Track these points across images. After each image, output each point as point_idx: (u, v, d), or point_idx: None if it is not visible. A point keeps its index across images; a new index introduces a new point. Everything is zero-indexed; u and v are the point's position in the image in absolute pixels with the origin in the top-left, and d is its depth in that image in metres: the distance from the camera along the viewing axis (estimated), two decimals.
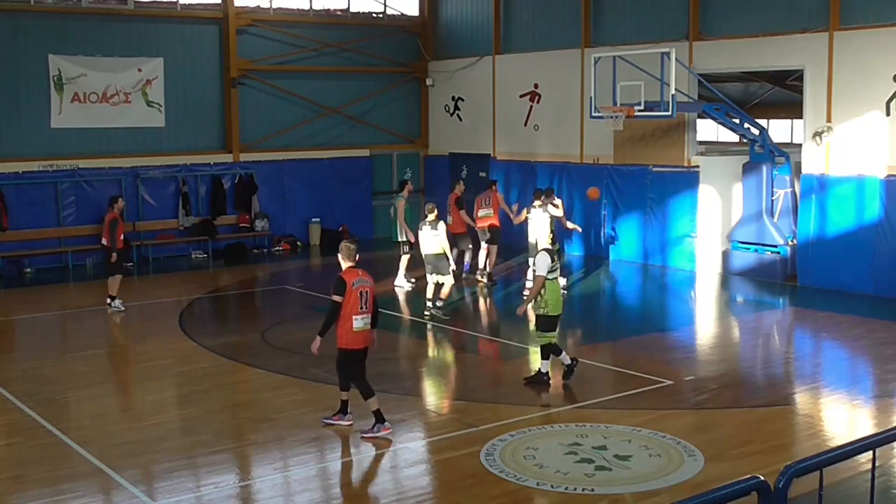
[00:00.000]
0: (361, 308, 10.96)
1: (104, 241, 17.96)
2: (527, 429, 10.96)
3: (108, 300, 18.00)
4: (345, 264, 11.09)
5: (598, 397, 12.48)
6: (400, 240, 20.02)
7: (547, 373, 12.66)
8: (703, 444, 10.34)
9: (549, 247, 12.88)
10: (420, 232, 17.48)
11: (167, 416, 12.06)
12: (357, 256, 11.23)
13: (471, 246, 20.87)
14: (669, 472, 9.65)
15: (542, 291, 12.41)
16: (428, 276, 17.37)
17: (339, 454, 10.54)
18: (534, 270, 12.49)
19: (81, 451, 10.42)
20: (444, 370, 14.71)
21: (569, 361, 12.87)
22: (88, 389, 13.27)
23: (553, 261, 12.47)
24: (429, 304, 17.29)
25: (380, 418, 10.83)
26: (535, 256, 18.51)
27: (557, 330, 12.86)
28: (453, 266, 17.49)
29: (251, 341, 16.04)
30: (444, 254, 17.12)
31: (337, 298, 10.78)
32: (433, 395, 13.13)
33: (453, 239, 20.46)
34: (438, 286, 17.17)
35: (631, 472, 9.66)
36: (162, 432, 11.20)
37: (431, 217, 17.35)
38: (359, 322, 10.93)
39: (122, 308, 17.95)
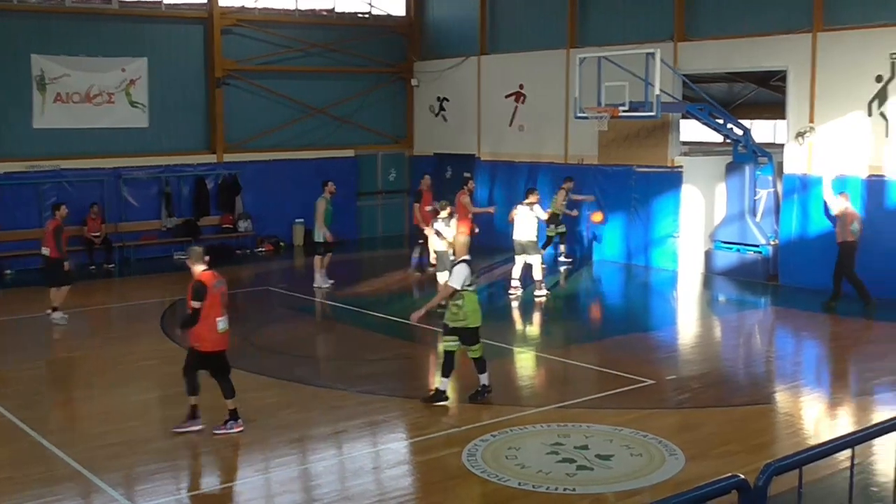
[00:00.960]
0: (222, 310, 11.00)
1: (45, 251, 16.84)
2: (508, 429, 10.97)
3: (49, 311, 17.03)
4: (198, 268, 11.00)
5: (580, 397, 12.49)
6: (317, 240, 19.97)
7: (487, 386, 12.13)
8: (684, 444, 10.37)
9: (467, 257, 12.07)
10: (431, 229, 17.76)
11: (149, 417, 12.02)
12: (207, 258, 11.23)
13: (420, 241, 21.05)
14: (651, 471, 9.67)
15: (461, 303, 11.78)
16: (438, 274, 17.64)
17: (321, 455, 10.51)
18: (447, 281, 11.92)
19: (61, 454, 10.36)
20: (426, 370, 14.67)
21: (485, 384, 12.17)
22: (70, 392, 13.23)
23: (472, 272, 11.91)
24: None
25: (234, 416, 11.01)
26: (528, 254, 18.80)
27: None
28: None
29: (234, 342, 15.80)
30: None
31: (196, 304, 10.68)
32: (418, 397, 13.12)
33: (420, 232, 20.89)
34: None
35: (612, 471, 9.68)
36: (144, 434, 11.16)
37: (445, 213, 17.66)
38: (222, 323, 11.05)
39: (65, 321, 17.06)
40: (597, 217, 22.18)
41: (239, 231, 25.48)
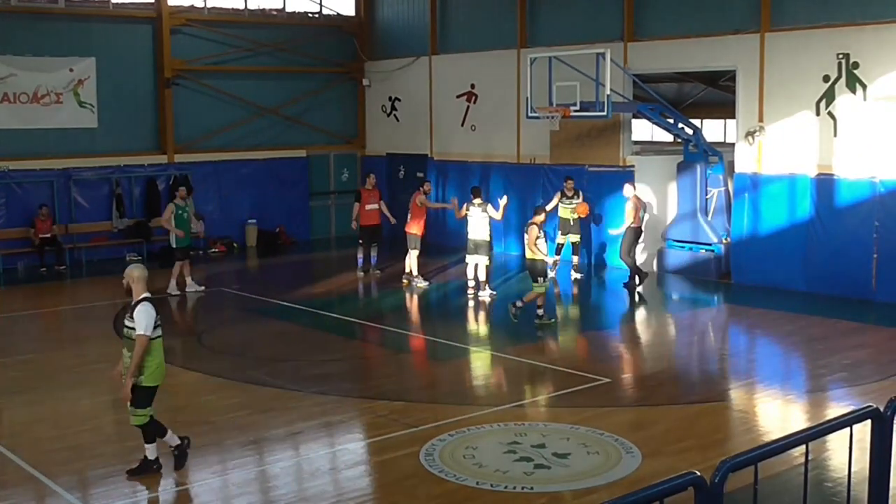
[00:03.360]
0: None
1: None
2: (465, 428, 10.97)
3: None
4: None
5: (536, 396, 12.55)
6: (173, 245, 19.54)
7: (156, 459, 9.80)
8: (640, 441, 10.43)
9: (147, 294, 9.57)
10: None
11: (102, 421, 11.87)
12: None
13: (361, 242, 21.44)
14: (607, 469, 9.72)
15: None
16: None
17: (277, 457, 10.46)
18: (132, 329, 9.39)
19: (14, 457, 10.24)
20: (382, 371, 14.64)
21: (177, 442, 9.93)
22: (21, 395, 13.02)
23: (157, 313, 9.57)
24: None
25: None
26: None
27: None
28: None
29: (187, 344, 15.87)
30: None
31: None
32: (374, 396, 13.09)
33: (362, 232, 21.20)
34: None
35: (569, 469, 9.72)
36: (97, 438, 11.04)
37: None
38: None
39: None
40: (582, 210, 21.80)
41: (191, 232, 25.18)
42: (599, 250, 22.36)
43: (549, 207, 20.44)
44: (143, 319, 9.35)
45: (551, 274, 18.49)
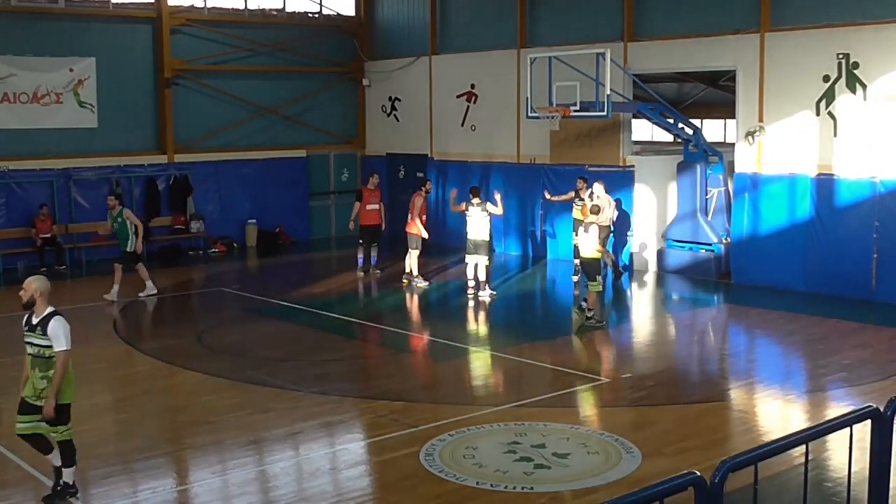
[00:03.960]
0: None
1: None
2: (465, 428, 10.97)
3: None
4: None
5: (536, 396, 12.53)
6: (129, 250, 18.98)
7: (71, 486, 9.17)
8: (640, 441, 10.43)
9: (52, 308, 9.62)
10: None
11: (102, 421, 11.87)
12: None
13: (361, 242, 21.39)
14: (607, 469, 9.72)
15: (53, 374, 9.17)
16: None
17: (277, 457, 10.46)
18: (44, 347, 9.36)
19: (14, 457, 10.24)
20: (382, 371, 14.64)
21: (57, 480, 9.18)
22: (20, 395, 13.02)
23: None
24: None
25: None
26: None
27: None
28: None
29: (187, 344, 15.87)
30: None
31: None
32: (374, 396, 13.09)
33: (362, 232, 21.13)
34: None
35: (569, 469, 9.71)
36: (97, 438, 11.01)
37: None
38: None
39: None
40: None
41: (191, 232, 25.26)
42: None
43: (558, 199, 20.64)
44: (61, 335, 9.15)
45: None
